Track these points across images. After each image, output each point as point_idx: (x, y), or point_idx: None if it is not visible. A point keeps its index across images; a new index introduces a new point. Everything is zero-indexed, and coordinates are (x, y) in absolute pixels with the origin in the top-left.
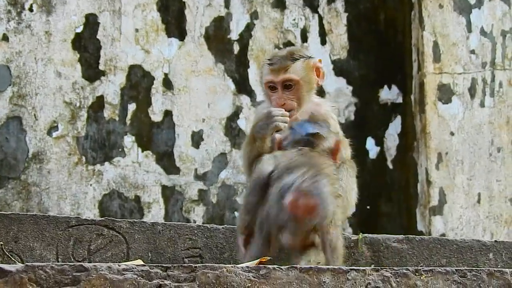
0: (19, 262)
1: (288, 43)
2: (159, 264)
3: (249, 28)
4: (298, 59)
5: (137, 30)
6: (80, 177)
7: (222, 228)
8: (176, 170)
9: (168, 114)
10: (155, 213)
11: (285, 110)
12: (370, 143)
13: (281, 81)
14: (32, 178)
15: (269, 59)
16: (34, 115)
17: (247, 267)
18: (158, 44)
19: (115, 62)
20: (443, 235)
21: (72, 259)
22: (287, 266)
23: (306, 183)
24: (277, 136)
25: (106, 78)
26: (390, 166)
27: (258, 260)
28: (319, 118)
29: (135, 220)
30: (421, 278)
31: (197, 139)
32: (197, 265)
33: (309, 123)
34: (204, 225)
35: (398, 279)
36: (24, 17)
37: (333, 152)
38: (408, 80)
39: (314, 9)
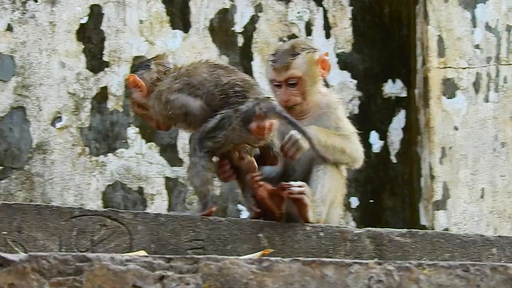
0: (22, 252)
1: (293, 36)
2: (162, 255)
3: (253, 20)
4: (300, 54)
5: (141, 22)
6: (83, 168)
7: (225, 220)
8: (180, 162)
9: None
10: (158, 205)
11: (289, 105)
12: (373, 137)
13: (284, 80)
14: (35, 169)
15: (272, 55)
16: (38, 105)
17: (250, 259)
18: (162, 36)
19: (119, 53)
20: (447, 229)
21: (75, 250)
22: (290, 259)
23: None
24: None
25: (110, 69)
26: (394, 160)
27: (261, 252)
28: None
29: (138, 211)
30: (424, 272)
31: None
32: (200, 256)
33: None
34: (207, 217)
35: (401, 273)
36: (28, 8)
37: None
38: (413, 74)
39: (319, 2)
